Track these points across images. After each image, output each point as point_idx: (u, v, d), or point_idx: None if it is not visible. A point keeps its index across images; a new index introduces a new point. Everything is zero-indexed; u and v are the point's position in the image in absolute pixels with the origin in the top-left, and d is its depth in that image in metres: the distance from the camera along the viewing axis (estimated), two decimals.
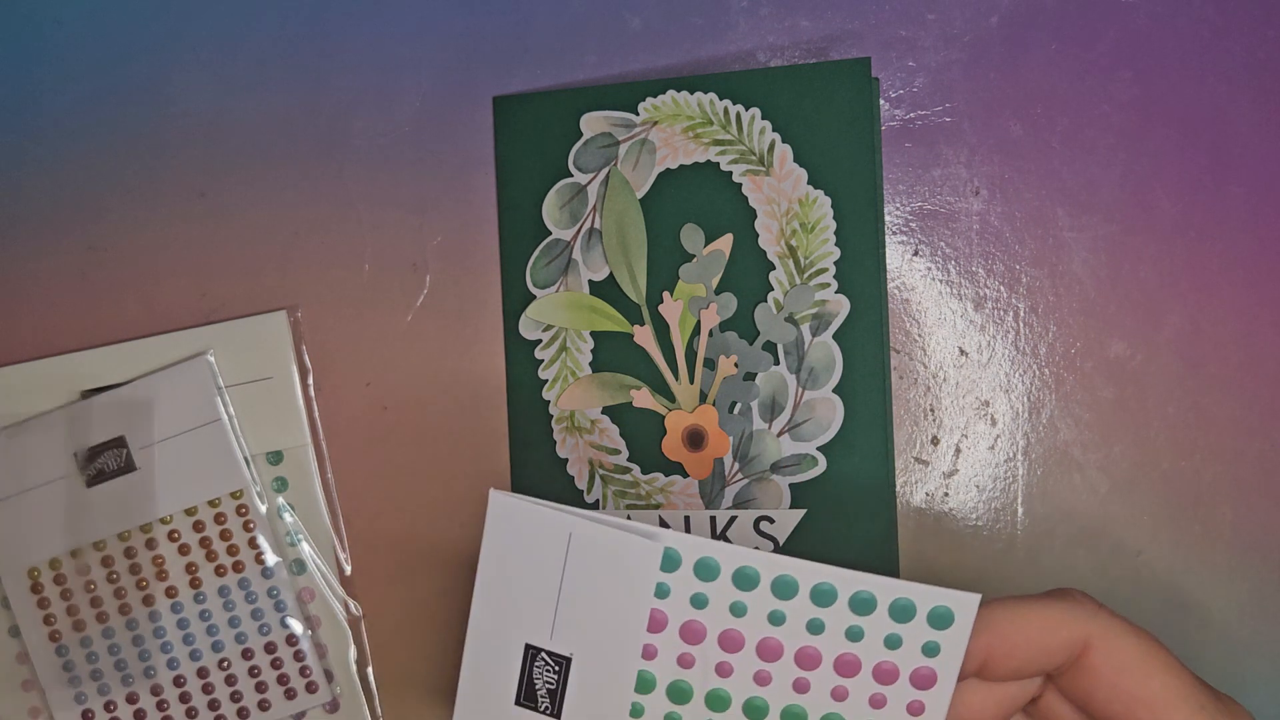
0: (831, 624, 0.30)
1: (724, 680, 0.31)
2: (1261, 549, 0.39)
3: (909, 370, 0.41)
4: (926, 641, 0.30)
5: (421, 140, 0.43)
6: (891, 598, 0.29)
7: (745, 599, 0.30)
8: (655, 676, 0.31)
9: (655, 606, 0.31)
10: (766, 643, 0.31)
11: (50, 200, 0.45)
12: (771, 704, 0.31)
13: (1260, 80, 0.39)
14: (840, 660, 0.30)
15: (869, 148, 0.39)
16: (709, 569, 0.30)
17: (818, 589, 0.30)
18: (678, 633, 0.31)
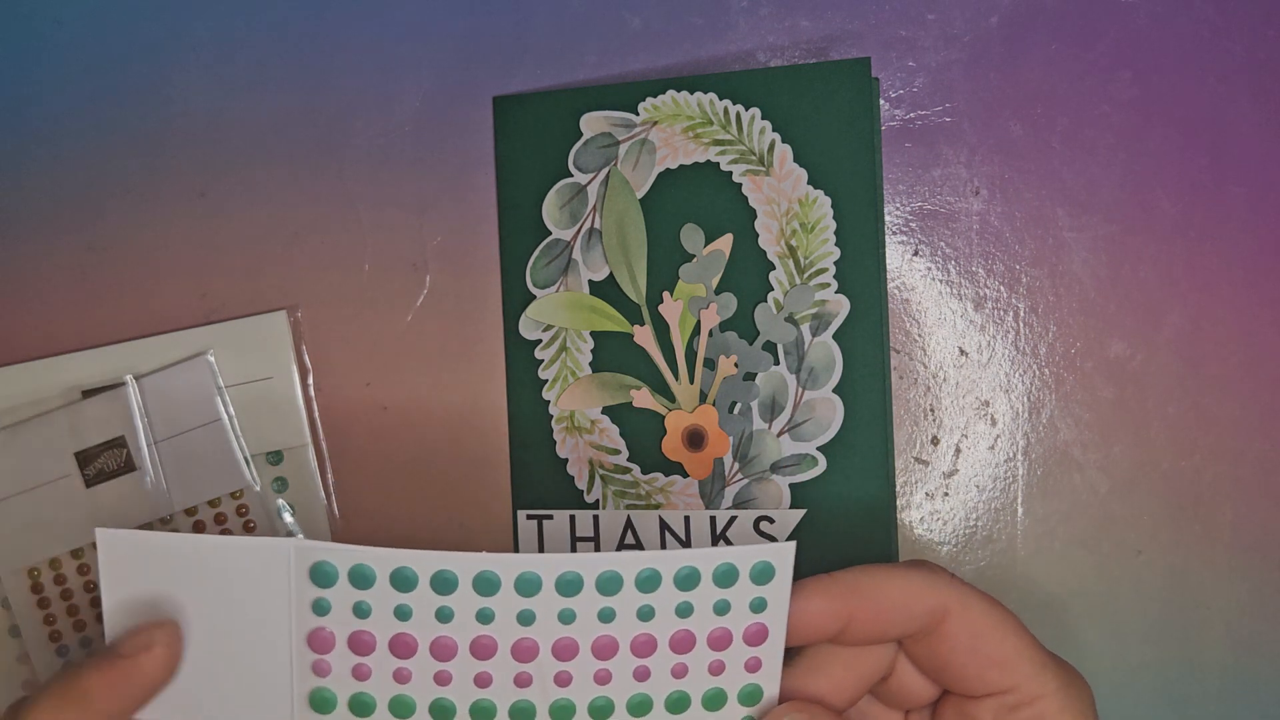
0: (661, 606, 0.29)
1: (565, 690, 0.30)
2: (1261, 549, 0.39)
3: (909, 370, 0.41)
4: (753, 599, 0.30)
5: (421, 140, 0.43)
6: (713, 565, 0.29)
7: (570, 605, 0.29)
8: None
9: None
10: (600, 640, 0.30)
11: (50, 200, 0.45)
12: (611, 701, 0.30)
13: (1260, 80, 0.39)
14: (675, 638, 0.30)
15: (869, 148, 0.39)
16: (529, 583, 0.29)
17: (642, 576, 0.29)
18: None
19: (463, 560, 0.29)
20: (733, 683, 0.30)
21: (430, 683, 0.30)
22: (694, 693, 0.30)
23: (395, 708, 0.30)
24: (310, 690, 0.30)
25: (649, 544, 0.41)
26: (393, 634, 0.29)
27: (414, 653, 0.30)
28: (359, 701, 0.30)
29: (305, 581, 0.29)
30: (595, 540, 0.41)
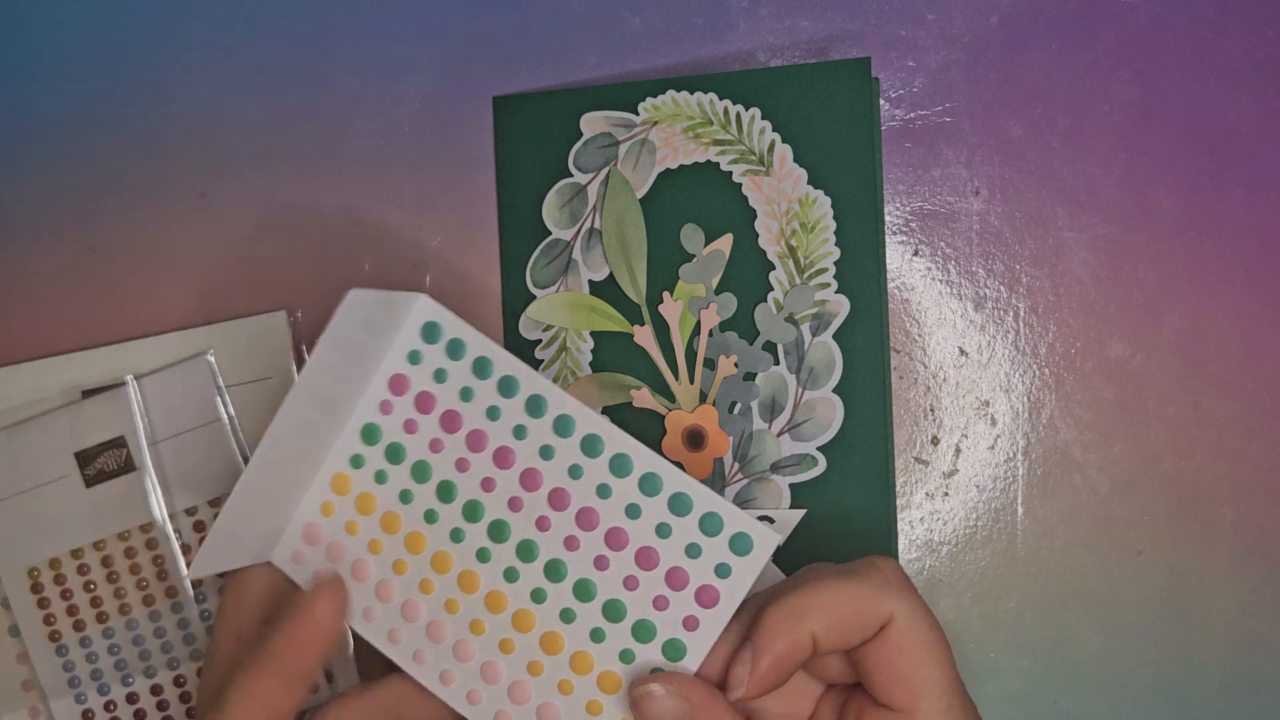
0: (648, 512, 0.31)
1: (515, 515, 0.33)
2: (1261, 549, 0.39)
3: (909, 370, 0.41)
4: (721, 561, 0.31)
5: (421, 140, 0.43)
6: (706, 507, 0.31)
7: (583, 463, 0.32)
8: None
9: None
10: (587, 510, 0.32)
11: (50, 200, 0.45)
12: (567, 566, 0.32)
13: (1260, 80, 0.39)
14: (643, 551, 0.31)
15: (869, 148, 0.39)
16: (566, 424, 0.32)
17: (647, 476, 0.31)
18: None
19: (530, 377, 0.32)
20: (666, 626, 0.31)
21: (451, 464, 0.33)
22: (631, 611, 0.31)
23: (416, 469, 0.33)
24: (367, 422, 0.33)
25: None
26: (450, 406, 0.32)
27: (456, 430, 0.33)
28: (394, 448, 0.33)
29: (415, 333, 0.33)
30: None
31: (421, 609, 0.33)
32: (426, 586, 0.33)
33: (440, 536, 0.33)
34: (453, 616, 0.33)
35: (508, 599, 0.32)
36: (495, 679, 0.33)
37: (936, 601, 0.41)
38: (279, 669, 0.31)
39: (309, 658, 0.31)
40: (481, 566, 0.33)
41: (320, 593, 0.32)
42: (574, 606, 0.32)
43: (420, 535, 0.33)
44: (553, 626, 0.32)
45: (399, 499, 0.33)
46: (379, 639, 0.34)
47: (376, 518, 0.33)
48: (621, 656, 0.32)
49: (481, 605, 0.33)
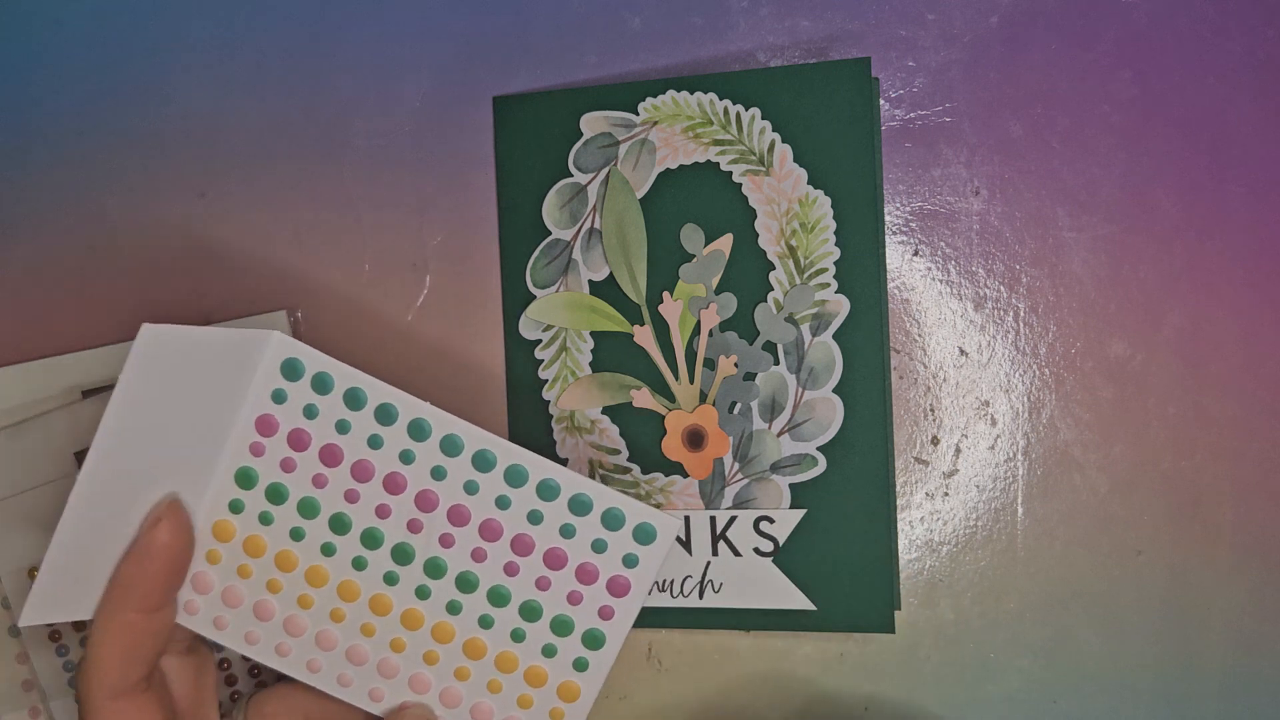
0: (550, 517, 0.32)
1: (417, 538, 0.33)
2: (1261, 549, 0.39)
3: (909, 370, 0.41)
4: (628, 553, 0.32)
5: (421, 140, 0.43)
6: (606, 505, 0.32)
7: (477, 478, 0.32)
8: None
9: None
10: (490, 522, 0.32)
11: (50, 200, 0.45)
12: (478, 578, 0.33)
13: (1260, 80, 0.39)
14: (551, 552, 0.32)
15: (869, 148, 0.39)
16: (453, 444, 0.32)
17: (544, 483, 0.32)
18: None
19: (407, 401, 0.32)
20: (583, 619, 0.33)
21: (340, 496, 0.33)
22: (547, 609, 0.33)
23: (302, 505, 0.33)
24: (240, 466, 0.33)
25: None
26: (327, 441, 0.32)
27: (338, 463, 0.32)
28: (275, 489, 0.33)
29: (275, 371, 0.32)
30: None
31: (336, 636, 0.34)
32: (337, 615, 0.33)
33: (342, 566, 0.33)
34: (370, 639, 0.33)
35: (424, 615, 0.33)
36: (424, 689, 0.34)
37: (936, 601, 0.41)
38: (131, 600, 0.32)
39: (156, 583, 0.32)
40: (391, 589, 0.33)
41: (157, 520, 0.32)
42: (491, 612, 0.33)
43: (321, 568, 0.33)
44: (473, 634, 0.33)
45: (290, 537, 0.33)
46: (298, 670, 0.34)
47: (269, 558, 0.33)
48: (544, 651, 0.33)
49: (398, 624, 0.33)
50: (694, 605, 0.41)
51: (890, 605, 0.39)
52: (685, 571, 0.41)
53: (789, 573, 0.40)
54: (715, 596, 0.41)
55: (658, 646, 0.42)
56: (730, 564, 0.40)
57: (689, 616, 0.41)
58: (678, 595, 0.41)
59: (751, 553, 0.40)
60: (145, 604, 0.32)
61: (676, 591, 0.41)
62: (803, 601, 0.40)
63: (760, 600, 0.40)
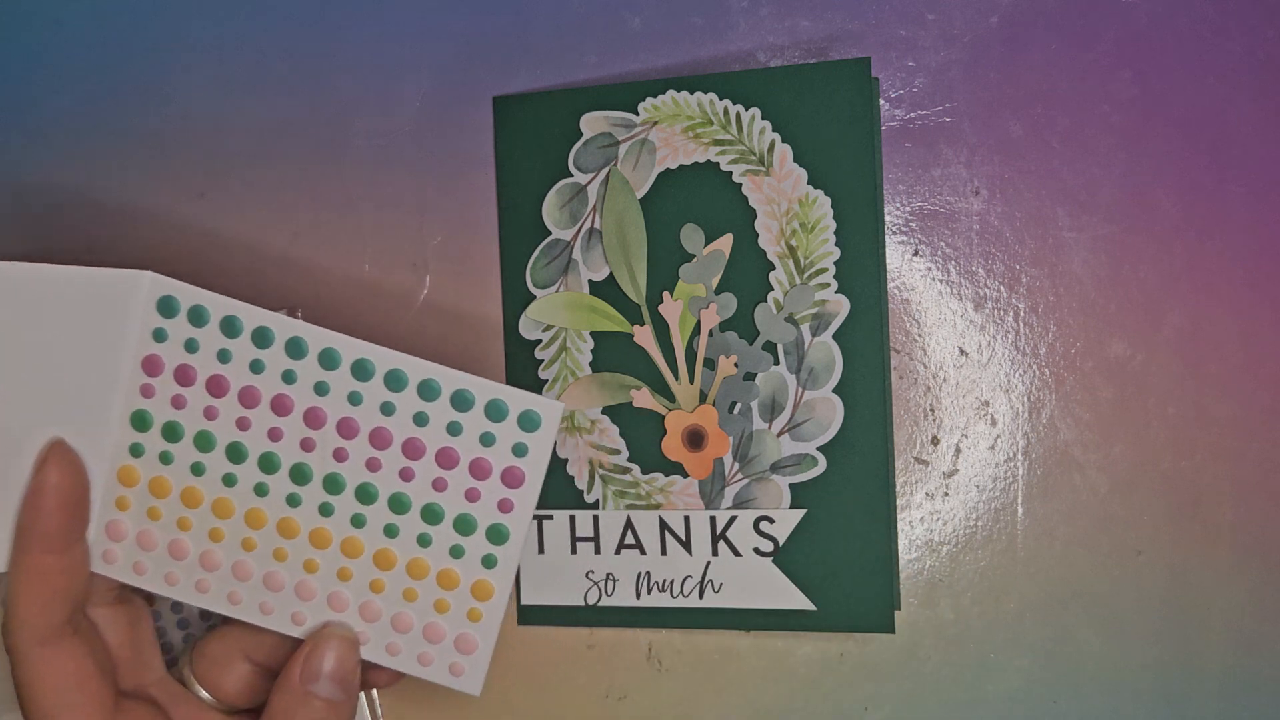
0: (435, 417, 0.32)
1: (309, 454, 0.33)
2: (1261, 549, 0.39)
3: (909, 370, 0.41)
4: (516, 442, 0.32)
5: (421, 140, 0.43)
6: (487, 397, 0.32)
7: (359, 388, 0.33)
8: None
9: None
10: (378, 430, 0.33)
11: (50, 200, 0.45)
12: (376, 488, 0.33)
13: (1260, 80, 0.39)
14: (442, 452, 0.33)
15: (869, 148, 0.39)
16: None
17: (424, 384, 0.32)
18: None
19: (280, 322, 0.32)
20: (484, 515, 0.33)
21: (231, 424, 0.33)
22: (448, 510, 0.33)
23: (198, 439, 0.33)
24: (134, 409, 0.33)
25: (649, 544, 0.41)
26: (211, 373, 0.33)
27: (225, 393, 0.33)
28: (170, 427, 0.33)
29: (152, 310, 0.33)
30: (595, 540, 0.41)
31: (252, 566, 0.34)
32: (249, 544, 0.34)
33: (245, 495, 0.34)
34: (284, 564, 0.34)
35: (331, 532, 0.34)
36: (342, 606, 0.34)
37: (936, 601, 0.41)
38: (34, 543, 0.32)
39: (54, 522, 0.32)
40: (296, 511, 0.34)
41: (44, 460, 0.32)
42: (394, 521, 0.33)
43: (226, 500, 0.34)
44: (381, 544, 0.34)
45: (191, 472, 0.34)
46: (220, 604, 0.34)
47: (175, 497, 0.34)
48: (452, 553, 0.34)
49: (308, 545, 0.34)
50: (694, 605, 0.41)
51: (890, 605, 0.39)
52: (685, 571, 0.41)
53: (789, 573, 0.40)
54: (715, 596, 0.41)
55: (658, 646, 0.42)
56: (730, 564, 0.40)
57: (689, 616, 0.41)
58: (678, 595, 0.41)
59: (751, 553, 0.40)
60: (49, 544, 0.32)
61: (676, 591, 0.41)
62: (803, 601, 0.40)
63: (760, 600, 0.40)
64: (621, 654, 0.42)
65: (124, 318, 0.32)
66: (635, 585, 0.41)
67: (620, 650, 0.42)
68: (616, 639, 0.42)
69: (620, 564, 0.41)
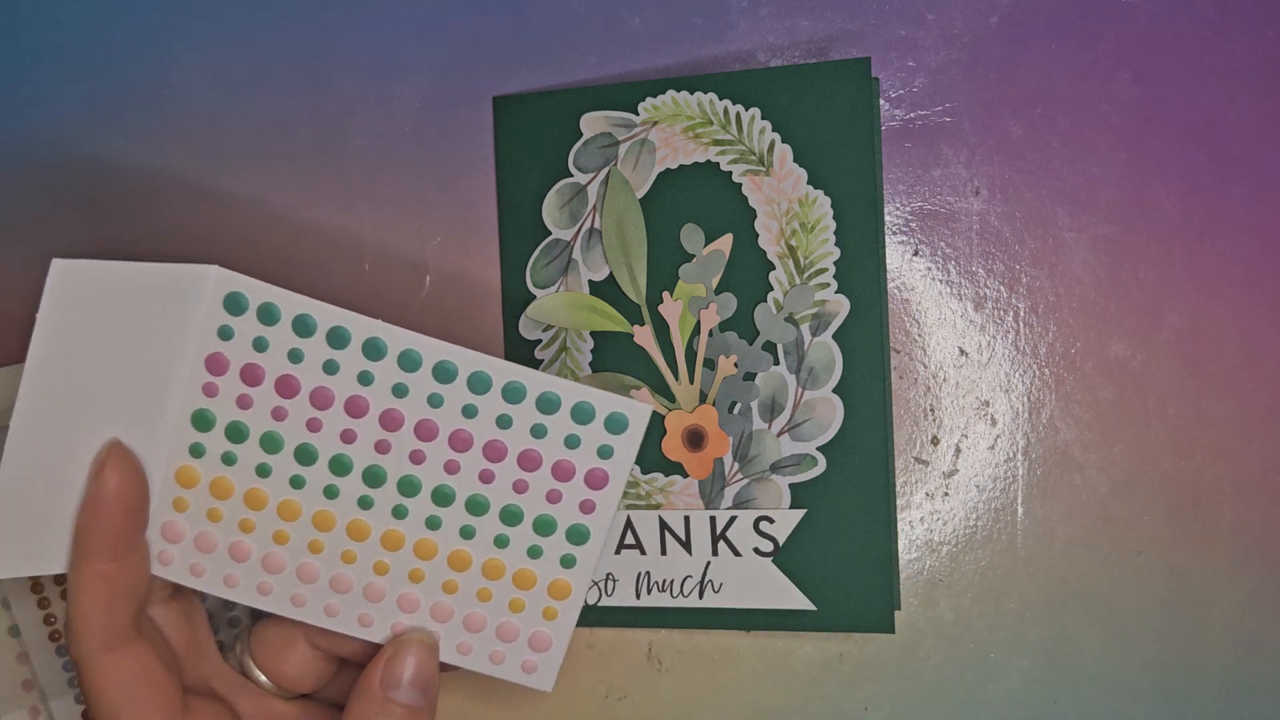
0: (519, 420, 0.32)
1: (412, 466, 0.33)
2: (1261, 549, 0.39)
3: (909, 370, 0.41)
4: (602, 444, 0.32)
5: (421, 140, 0.43)
6: (574, 400, 0.31)
7: (440, 390, 0.32)
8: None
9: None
10: (459, 433, 0.32)
11: (50, 200, 0.45)
12: (454, 490, 0.33)
13: (1260, 80, 0.39)
14: (524, 455, 0.32)
15: (869, 148, 0.39)
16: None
17: (510, 386, 0.31)
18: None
19: (359, 321, 0.31)
20: (565, 516, 0.33)
21: (301, 426, 0.32)
22: (528, 511, 0.33)
23: (265, 440, 0.32)
24: (195, 409, 0.32)
25: (649, 544, 0.41)
26: (282, 373, 0.32)
27: (295, 394, 0.32)
28: (235, 427, 0.32)
29: (218, 307, 0.31)
30: None
31: (317, 568, 0.33)
32: (315, 546, 0.33)
33: (314, 497, 0.33)
34: (352, 566, 0.33)
35: (404, 534, 0.33)
36: (413, 607, 0.34)
37: (936, 601, 0.41)
38: (96, 550, 0.31)
39: (116, 529, 0.31)
40: (367, 513, 0.33)
41: (103, 463, 0.31)
42: (472, 522, 0.33)
43: (293, 502, 0.33)
44: (457, 545, 0.33)
45: (257, 474, 0.33)
46: (283, 607, 0.34)
47: (239, 498, 0.33)
48: (530, 553, 0.33)
49: (379, 547, 0.33)
50: (694, 605, 0.41)
51: (890, 605, 0.39)
52: (685, 571, 0.41)
53: (789, 573, 0.40)
54: (715, 596, 0.41)
55: (658, 646, 0.42)
56: (730, 564, 0.40)
57: (689, 616, 0.41)
58: (678, 595, 0.41)
59: (751, 553, 0.40)
60: (112, 552, 0.31)
61: (676, 591, 0.41)
62: (803, 601, 0.40)
63: (760, 600, 0.40)
64: (621, 654, 0.42)
65: (187, 314, 0.31)
66: (635, 585, 0.41)
67: (620, 650, 0.42)
68: (616, 639, 0.42)
69: (620, 564, 0.41)
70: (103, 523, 0.31)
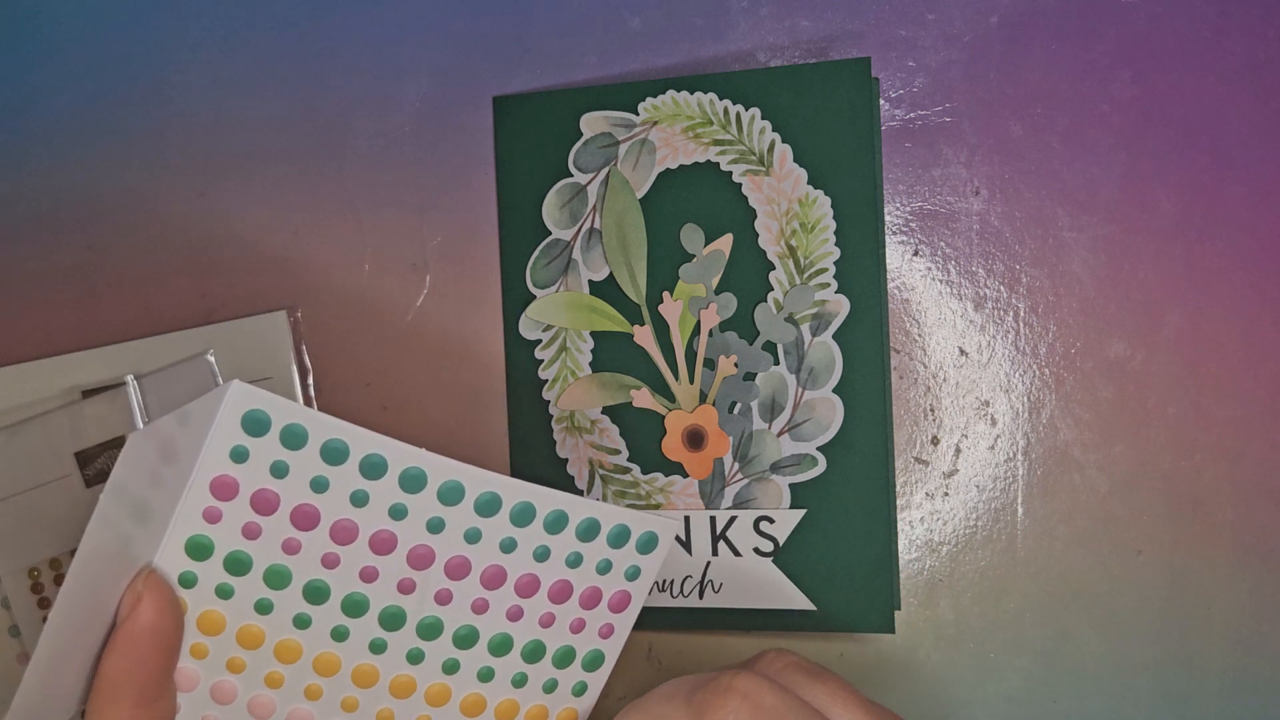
0: (557, 551, 0.29)
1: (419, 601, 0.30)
2: (1261, 549, 0.39)
3: (909, 370, 0.41)
4: (631, 565, 0.30)
5: (421, 140, 0.43)
6: (612, 524, 0.29)
7: (480, 525, 0.29)
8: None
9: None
10: (492, 569, 0.29)
11: (50, 200, 0.45)
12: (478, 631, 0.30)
13: (1260, 80, 0.39)
14: (555, 587, 0.30)
15: (869, 148, 0.39)
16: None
17: (553, 516, 0.29)
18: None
19: (398, 450, 0.28)
20: (585, 644, 0.31)
21: (315, 561, 0.29)
22: (550, 645, 0.31)
23: (269, 575, 0.29)
24: (191, 534, 0.28)
25: None
26: (300, 502, 0.28)
27: (314, 526, 0.28)
28: (235, 558, 0.29)
29: (235, 426, 0.27)
30: None
31: (311, 715, 0.31)
32: (313, 692, 0.30)
33: (319, 639, 0.30)
34: (351, 715, 0.31)
35: (416, 680, 0.30)
36: None
37: (936, 601, 0.41)
38: (125, 696, 0.28)
39: (150, 671, 0.29)
40: (378, 658, 0.30)
41: (138, 599, 0.28)
42: (492, 664, 0.31)
43: (293, 643, 0.30)
44: (472, 689, 0.31)
45: (255, 610, 0.29)
46: None
47: (230, 635, 0.30)
48: (545, 688, 0.31)
49: (386, 694, 0.30)
50: (694, 605, 0.41)
51: (890, 605, 0.39)
52: (685, 571, 0.41)
53: (789, 573, 0.40)
54: (715, 596, 0.41)
55: (658, 646, 0.42)
56: (730, 564, 0.40)
57: (689, 616, 0.41)
58: (678, 595, 0.41)
59: (751, 553, 0.40)
60: (142, 697, 0.28)
61: (676, 591, 0.41)
62: (803, 601, 0.40)
63: (760, 600, 0.40)
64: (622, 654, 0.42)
65: (202, 432, 0.28)
66: None
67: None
68: None
69: None
70: (135, 663, 0.28)
